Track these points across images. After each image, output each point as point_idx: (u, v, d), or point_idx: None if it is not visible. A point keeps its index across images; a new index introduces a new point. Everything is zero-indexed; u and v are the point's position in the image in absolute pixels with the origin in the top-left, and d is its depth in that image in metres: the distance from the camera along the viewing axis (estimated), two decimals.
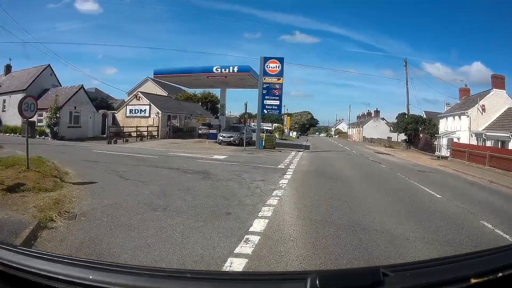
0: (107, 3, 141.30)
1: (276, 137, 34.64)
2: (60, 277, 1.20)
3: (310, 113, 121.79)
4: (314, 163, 20.72)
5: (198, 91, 62.38)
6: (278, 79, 28.98)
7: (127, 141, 31.25)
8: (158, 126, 38.02)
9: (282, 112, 37.81)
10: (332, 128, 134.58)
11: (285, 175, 14.24)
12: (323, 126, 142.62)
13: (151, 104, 38.94)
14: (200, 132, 40.73)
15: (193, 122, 46.38)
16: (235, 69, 32.37)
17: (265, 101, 28.88)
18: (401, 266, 1.45)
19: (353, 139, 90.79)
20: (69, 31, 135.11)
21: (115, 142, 29.12)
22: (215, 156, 21.06)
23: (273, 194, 10.20)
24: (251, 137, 32.34)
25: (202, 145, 30.21)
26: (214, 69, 33.00)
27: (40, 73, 37.48)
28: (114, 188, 9.74)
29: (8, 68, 41.81)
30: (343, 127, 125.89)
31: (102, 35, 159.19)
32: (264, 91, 28.84)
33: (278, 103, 29.17)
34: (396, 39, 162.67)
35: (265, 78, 28.90)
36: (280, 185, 11.82)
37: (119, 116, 40.27)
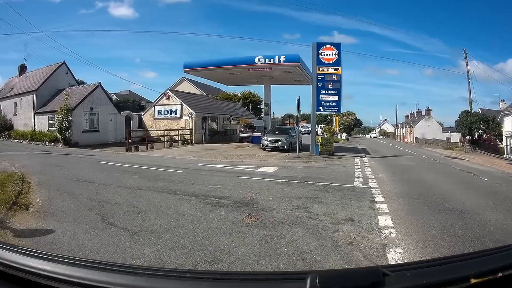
0: (142, 8, 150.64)
1: (334, 140, 29.66)
2: (60, 277, 1.24)
3: (354, 113, 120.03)
4: (397, 177, 15.72)
5: (238, 91, 61.16)
6: (336, 69, 25.15)
7: (152, 147, 27.55)
8: (191, 129, 34.68)
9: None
10: (376, 129, 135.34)
11: (377, 205, 9.38)
12: (366, 127, 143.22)
13: (183, 103, 35.66)
14: (241, 135, 38.11)
15: (233, 124, 43.48)
16: (282, 59, 28.65)
17: (320, 96, 25.11)
18: (401, 266, 1.61)
19: (405, 139, 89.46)
20: (106, 36, 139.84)
21: (137, 149, 25.45)
22: (262, 169, 16.63)
23: (389, 259, 5.46)
24: (301, 141, 28.42)
25: (244, 151, 26.89)
26: (256, 60, 29.33)
27: (53, 72, 35.39)
28: (76, 248, 5.69)
29: (22, 69, 40.65)
30: (387, 127, 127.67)
31: (138, 39, 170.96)
32: (319, 84, 25.10)
33: (337, 99, 25.26)
34: (435, 37, 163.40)
35: (319, 68, 25.14)
36: (387, 233, 6.80)
37: (146, 118, 37.56)
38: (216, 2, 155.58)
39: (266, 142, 26.79)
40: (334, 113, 44.50)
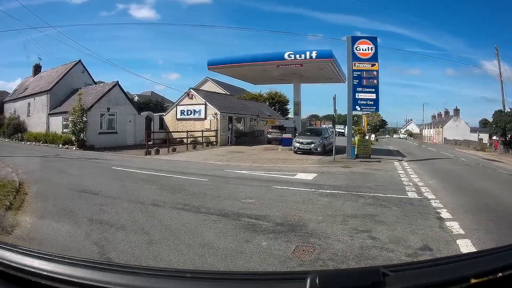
0: (164, 10, 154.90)
1: (371, 142, 27.85)
2: (60, 277, 1.26)
3: (380, 114, 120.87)
4: (448, 185, 13.85)
5: (264, 91, 60.35)
6: (373, 65, 23.53)
7: (174, 150, 26.11)
8: (216, 130, 33.37)
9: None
10: (401, 129, 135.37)
11: (446, 223, 7.70)
12: (391, 127, 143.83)
13: (207, 103, 34.47)
14: (269, 136, 36.95)
15: (260, 124, 42.46)
16: (313, 54, 26.62)
17: (357, 94, 23.57)
18: (401, 266, 1.51)
19: (434, 140, 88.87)
20: (129, 38, 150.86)
21: (157, 152, 23.95)
22: (299, 176, 14.84)
23: None
24: (332, 143, 26.88)
25: (274, 154, 25.43)
26: (286, 56, 27.45)
27: (68, 71, 34.86)
28: None
29: (37, 69, 40.63)
30: (412, 127, 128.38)
31: (161, 41, 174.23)
32: (355, 81, 23.59)
33: (374, 97, 23.78)
34: (456, 37, 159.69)
35: (355, 64, 23.60)
36: None
37: (168, 119, 36.62)
38: (237, 3, 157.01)
39: (297, 145, 25.50)
40: (372, 112, 42.59)
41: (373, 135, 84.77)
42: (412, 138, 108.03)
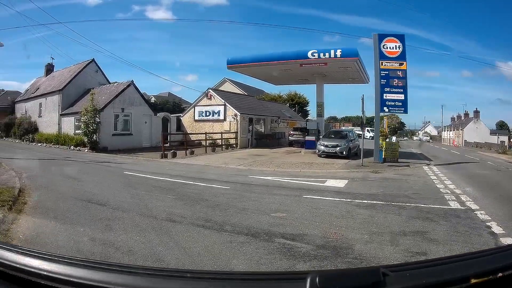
0: (181, 12, 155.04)
1: (398, 145, 27.39)
2: (60, 277, 1.27)
3: (398, 116, 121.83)
4: (487, 192, 13.02)
5: (284, 91, 60.21)
6: (400, 64, 22.94)
7: (192, 153, 25.28)
8: (236, 132, 32.72)
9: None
10: (419, 131, 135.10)
11: (502, 239, 6.98)
12: (409, 129, 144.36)
13: (227, 104, 33.74)
14: (291, 139, 36.35)
15: (281, 126, 42.07)
16: (338, 53, 25.64)
17: (384, 95, 22.88)
18: (401, 266, 1.56)
19: (454, 143, 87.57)
20: (145, 40, 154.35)
21: (174, 156, 23.02)
22: (329, 183, 13.78)
23: None
24: (358, 146, 27.12)
25: (297, 157, 24.67)
26: (309, 54, 26.41)
27: (81, 70, 34.55)
28: None
29: (49, 68, 40.61)
30: (430, 129, 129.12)
31: (177, 43, 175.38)
32: (383, 81, 22.91)
33: (403, 98, 23.05)
34: (472, 38, 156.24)
35: (382, 63, 22.92)
36: None
37: (186, 120, 35.95)
38: (253, 4, 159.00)
39: (322, 148, 24.83)
40: (400, 113, 41.53)
41: (394, 137, 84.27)
42: (431, 140, 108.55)
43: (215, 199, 9.98)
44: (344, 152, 24.09)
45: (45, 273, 1.27)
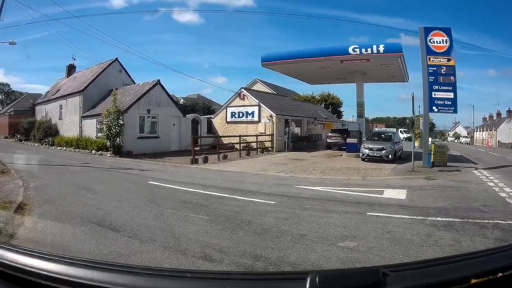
0: (208, 14, 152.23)
1: (448, 148, 26.50)
2: (60, 277, 1.29)
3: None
4: None
5: (316, 92, 60.50)
6: (448, 60, 21.93)
7: (225, 157, 23.75)
8: (272, 135, 31.30)
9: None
10: (449, 132, 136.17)
11: None
12: (439, 130, 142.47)
13: (261, 104, 32.42)
14: (329, 141, 34.95)
15: (318, 128, 41.39)
16: (381, 48, 24.66)
17: (433, 93, 21.80)
18: (401, 266, 1.54)
19: (489, 144, 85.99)
20: (171, 42, 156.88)
21: (205, 161, 21.38)
22: (388, 194, 12.25)
23: None
24: (402, 149, 27.07)
25: (340, 162, 23.49)
26: (350, 50, 25.32)
27: (103, 70, 33.79)
28: None
29: (70, 69, 40.67)
30: (460, 130, 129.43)
31: (206, 45, 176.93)
32: (431, 78, 21.79)
33: (452, 96, 21.96)
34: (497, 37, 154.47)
35: (429, 58, 21.87)
36: None
37: (217, 121, 34.88)
38: (281, 6, 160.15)
39: (366, 151, 23.74)
40: (450, 113, 39.85)
41: (430, 139, 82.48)
42: (470, 142, 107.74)
43: (261, 220, 8.06)
44: (390, 156, 23.15)
45: (45, 273, 1.29)
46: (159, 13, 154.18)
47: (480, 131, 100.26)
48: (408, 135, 58.41)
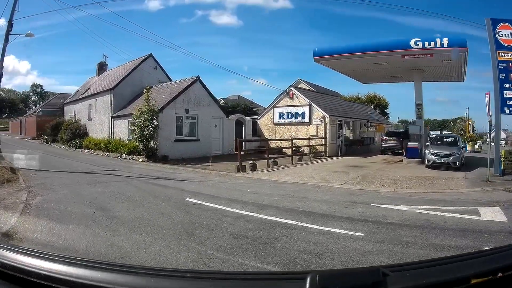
0: (246, 16, 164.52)
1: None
2: (60, 277, 1.29)
3: (470, 119, 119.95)
4: None
5: (362, 92, 60.34)
6: None
7: (275, 163, 21.37)
8: (324, 138, 29.00)
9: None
10: (488, 135, 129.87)
11: None
12: (478, 133, 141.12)
13: (312, 104, 30.18)
14: (384, 145, 33.37)
15: (370, 130, 39.77)
16: (445, 42, 23.25)
17: (504, 92, 20.17)
18: (401, 266, 1.56)
19: None
20: (210, 44, 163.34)
21: (253, 168, 18.97)
22: (485, 215, 10.13)
23: None
24: (464, 156, 24.88)
25: (404, 169, 21.68)
26: (412, 43, 23.98)
27: (136, 67, 32.27)
28: None
29: (101, 67, 39.97)
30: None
31: (245, 47, 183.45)
32: (502, 76, 20.20)
33: None
34: None
35: (499, 54, 20.36)
36: None
37: (264, 123, 32.94)
38: (318, 8, 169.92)
39: (433, 157, 22.16)
40: None
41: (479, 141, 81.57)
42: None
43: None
44: (457, 163, 21.62)
45: (45, 273, 1.29)
46: (196, 15, 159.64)
47: None
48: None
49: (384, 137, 34.42)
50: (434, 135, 43.02)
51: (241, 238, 6.93)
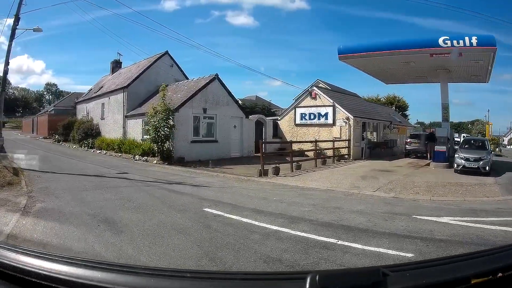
0: (262, 17, 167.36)
1: None
2: (60, 277, 1.30)
3: (486, 121, 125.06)
4: None
5: (382, 93, 61.24)
6: None
7: (299, 167, 20.52)
8: (348, 140, 28.37)
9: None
10: (504, 137, 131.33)
11: None
12: (494, 136, 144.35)
13: (336, 104, 29.44)
14: (408, 148, 32.86)
15: (393, 133, 39.48)
16: (474, 40, 22.63)
17: None
18: (401, 266, 1.59)
19: None
20: (226, 45, 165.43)
21: (276, 172, 18.03)
22: None
23: None
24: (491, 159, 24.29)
25: (434, 175, 20.89)
26: (440, 41, 23.43)
27: (151, 64, 31.81)
28: None
29: (116, 65, 39.75)
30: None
31: (261, 48, 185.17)
32: None
33: None
34: None
35: None
36: None
37: (284, 124, 32.31)
38: (334, 9, 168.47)
39: (462, 162, 21.54)
40: None
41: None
42: None
43: None
44: (487, 168, 21.02)
45: (45, 273, 1.30)
46: (212, 15, 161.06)
47: None
48: None
49: (409, 140, 33.82)
50: (459, 139, 42.49)
51: (274, 263, 5.79)
